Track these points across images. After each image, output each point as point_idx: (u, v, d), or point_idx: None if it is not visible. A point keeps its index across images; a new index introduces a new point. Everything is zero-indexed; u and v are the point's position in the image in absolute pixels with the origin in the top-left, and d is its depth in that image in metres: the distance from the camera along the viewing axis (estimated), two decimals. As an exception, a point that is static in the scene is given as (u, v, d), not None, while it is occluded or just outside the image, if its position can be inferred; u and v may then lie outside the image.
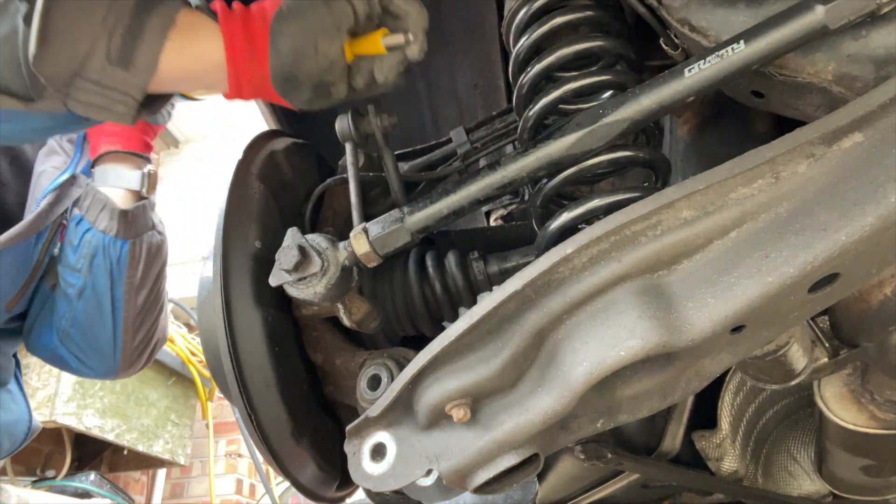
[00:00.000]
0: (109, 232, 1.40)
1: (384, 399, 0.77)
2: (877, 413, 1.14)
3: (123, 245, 1.42)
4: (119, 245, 1.42)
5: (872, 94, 0.66)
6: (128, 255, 1.43)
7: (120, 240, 1.42)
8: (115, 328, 1.47)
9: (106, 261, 1.41)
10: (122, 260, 1.43)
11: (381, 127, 0.99)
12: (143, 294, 1.48)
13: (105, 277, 1.42)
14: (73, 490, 3.68)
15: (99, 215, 1.41)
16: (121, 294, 1.44)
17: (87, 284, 1.42)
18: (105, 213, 1.40)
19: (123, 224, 1.42)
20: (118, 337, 1.47)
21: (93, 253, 1.41)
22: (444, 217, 0.88)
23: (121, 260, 1.43)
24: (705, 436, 1.48)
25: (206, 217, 1.43)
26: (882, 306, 0.86)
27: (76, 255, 1.41)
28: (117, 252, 1.42)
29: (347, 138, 1.00)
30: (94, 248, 1.41)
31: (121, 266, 1.43)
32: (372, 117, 0.99)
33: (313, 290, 0.87)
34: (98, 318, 1.45)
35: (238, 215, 0.99)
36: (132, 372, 1.59)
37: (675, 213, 0.69)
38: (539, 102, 0.88)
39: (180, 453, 4.27)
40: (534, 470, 0.75)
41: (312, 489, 1.03)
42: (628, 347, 0.66)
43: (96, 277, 1.42)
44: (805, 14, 0.68)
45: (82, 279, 1.42)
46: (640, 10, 0.86)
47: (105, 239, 1.41)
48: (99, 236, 1.40)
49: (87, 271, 1.41)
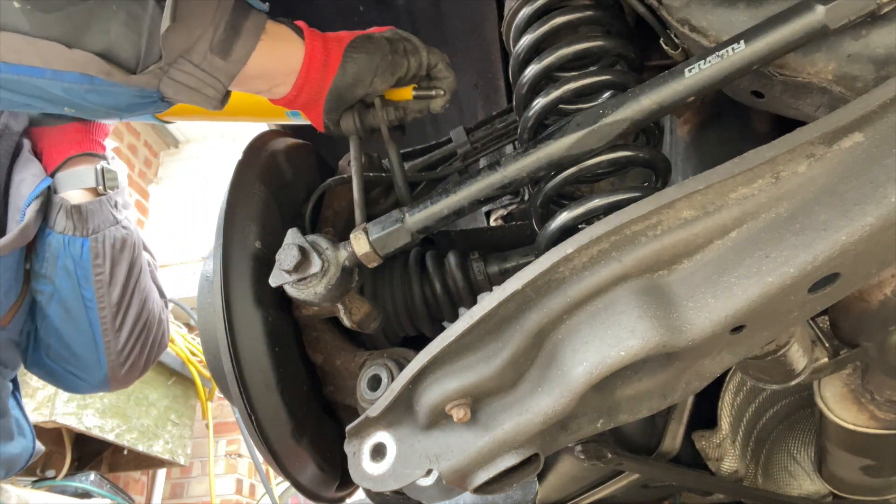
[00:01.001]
0: (67, 231, 1.38)
1: (384, 399, 0.77)
2: (877, 413, 1.14)
3: (84, 243, 1.40)
4: (79, 243, 1.39)
5: (872, 93, 0.66)
6: (89, 252, 1.40)
7: (78, 237, 1.39)
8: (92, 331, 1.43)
9: (68, 260, 1.39)
10: (85, 258, 1.40)
11: (387, 120, 0.99)
12: (117, 291, 1.45)
13: (69, 279, 1.40)
14: (73, 490, 3.68)
15: (56, 217, 1.39)
16: (91, 294, 1.42)
17: (55, 289, 1.40)
18: (61, 214, 1.38)
19: (79, 221, 1.39)
20: (98, 340, 1.44)
21: (55, 255, 1.38)
22: (445, 217, 0.88)
23: (83, 258, 1.40)
24: (705, 436, 1.48)
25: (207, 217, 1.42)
26: (882, 306, 0.86)
27: (41, 261, 1.39)
28: (78, 251, 1.39)
29: (352, 132, 1.00)
30: (56, 250, 1.38)
31: (84, 265, 1.40)
32: (379, 110, 0.98)
33: (313, 290, 0.87)
34: (72, 323, 1.42)
35: (238, 216, 0.99)
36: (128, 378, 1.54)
37: (675, 213, 0.69)
38: (539, 102, 0.88)
39: (180, 453, 4.27)
40: (534, 470, 0.75)
41: (312, 489, 1.03)
42: (628, 347, 0.66)
43: (61, 280, 1.39)
44: (805, 14, 0.68)
45: (50, 284, 1.39)
46: (640, 10, 0.86)
47: (64, 239, 1.38)
48: (58, 238, 1.38)
49: (53, 275, 1.39)
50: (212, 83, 0.87)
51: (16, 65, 0.81)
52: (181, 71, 0.84)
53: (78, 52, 0.80)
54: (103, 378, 1.49)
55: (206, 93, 0.88)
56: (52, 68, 0.81)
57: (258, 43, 0.89)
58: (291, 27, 0.95)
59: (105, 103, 0.87)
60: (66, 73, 0.82)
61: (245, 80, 0.91)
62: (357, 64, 0.95)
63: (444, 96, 1.03)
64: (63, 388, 1.56)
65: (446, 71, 1.03)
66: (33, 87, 0.84)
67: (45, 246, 1.39)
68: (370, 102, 1.00)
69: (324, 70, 0.95)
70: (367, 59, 0.96)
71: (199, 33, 0.83)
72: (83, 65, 0.81)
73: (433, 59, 1.02)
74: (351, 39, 0.97)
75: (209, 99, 0.89)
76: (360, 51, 0.96)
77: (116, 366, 1.48)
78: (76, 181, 1.43)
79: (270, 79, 0.94)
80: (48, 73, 0.82)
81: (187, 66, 0.84)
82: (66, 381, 1.52)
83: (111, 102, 0.87)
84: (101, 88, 0.84)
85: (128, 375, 1.53)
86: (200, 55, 0.84)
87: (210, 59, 0.85)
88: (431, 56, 1.02)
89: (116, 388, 1.57)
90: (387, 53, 0.97)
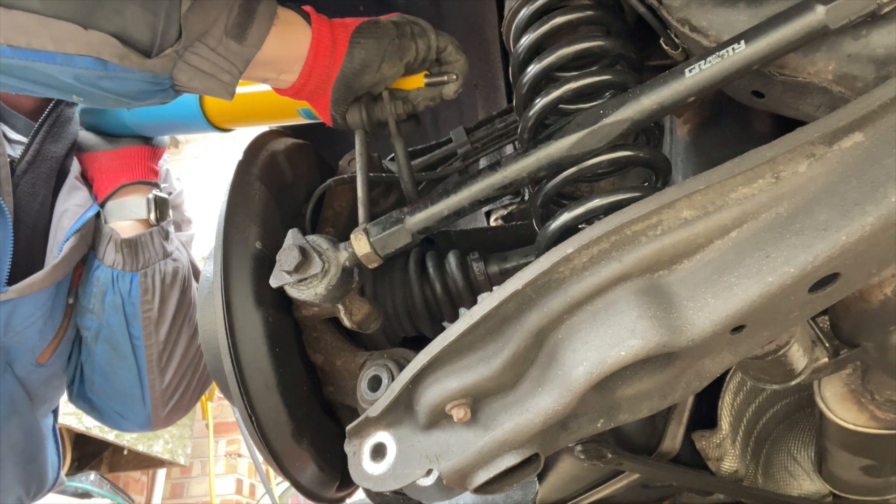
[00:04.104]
0: (116, 266, 1.33)
1: (384, 399, 0.77)
2: (877, 413, 1.14)
3: (133, 278, 1.34)
4: (128, 278, 1.34)
5: (873, 93, 0.66)
6: (139, 288, 1.34)
7: (128, 272, 1.34)
8: (138, 370, 1.37)
9: (116, 297, 1.33)
10: (134, 295, 1.34)
11: (395, 114, 0.98)
12: (165, 328, 1.38)
13: (118, 315, 1.34)
14: (73, 490, 3.68)
15: (105, 250, 1.33)
16: (139, 331, 1.36)
17: (102, 325, 1.34)
18: (110, 247, 1.33)
19: (129, 255, 1.34)
20: (144, 379, 1.38)
21: (103, 290, 1.33)
22: (445, 217, 0.88)
23: (132, 295, 1.34)
24: (705, 436, 1.48)
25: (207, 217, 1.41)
26: (882, 306, 0.86)
27: (88, 296, 1.34)
28: (127, 286, 1.34)
29: (358, 126, 0.99)
30: (104, 285, 1.33)
31: (133, 301, 1.34)
32: (387, 103, 0.98)
33: (314, 291, 0.87)
34: (118, 360, 1.37)
35: (238, 216, 0.99)
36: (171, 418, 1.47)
37: (675, 213, 0.69)
38: (539, 102, 0.88)
39: (180, 453, 4.27)
40: (534, 470, 0.75)
41: (312, 489, 1.03)
42: (629, 347, 0.66)
43: (109, 316, 1.34)
44: (805, 14, 0.68)
45: (96, 320, 1.34)
46: (640, 10, 0.86)
47: (113, 273, 1.33)
48: (107, 272, 1.33)
49: (101, 311, 1.34)
50: (227, 68, 0.85)
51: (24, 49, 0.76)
52: (197, 55, 0.82)
53: (94, 32, 0.76)
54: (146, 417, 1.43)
55: (222, 78, 0.86)
56: (64, 52, 0.77)
57: (271, 28, 0.87)
58: (299, 13, 0.93)
59: (117, 90, 0.84)
60: (79, 58, 0.78)
61: (257, 66, 0.89)
62: (365, 49, 0.92)
63: (456, 80, 0.99)
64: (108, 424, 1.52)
65: (457, 54, 1.00)
66: (41, 74, 0.80)
67: (93, 280, 1.34)
68: (377, 95, 0.98)
69: (331, 56, 0.92)
70: (374, 43, 0.93)
71: (216, 15, 0.82)
72: (98, 48, 0.77)
73: (442, 42, 0.99)
74: (357, 25, 0.94)
75: (224, 85, 0.87)
76: (367, 35, 0.93)
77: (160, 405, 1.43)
78: (127, 212, 1.38)
79: (279, 65, 0.92)
80: (59, 58, 0.78)
81: (203, 50, 0.82)
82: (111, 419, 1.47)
83: (123, 89, 0.84)
84: (113, 75, 0.80)
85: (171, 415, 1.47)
86: (216, 39, 0.83)
87: (226, 43, 0.83)
88: (440, 39, 0.99)
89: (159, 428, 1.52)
90: (394, 37, 0.94)
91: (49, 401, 1.46)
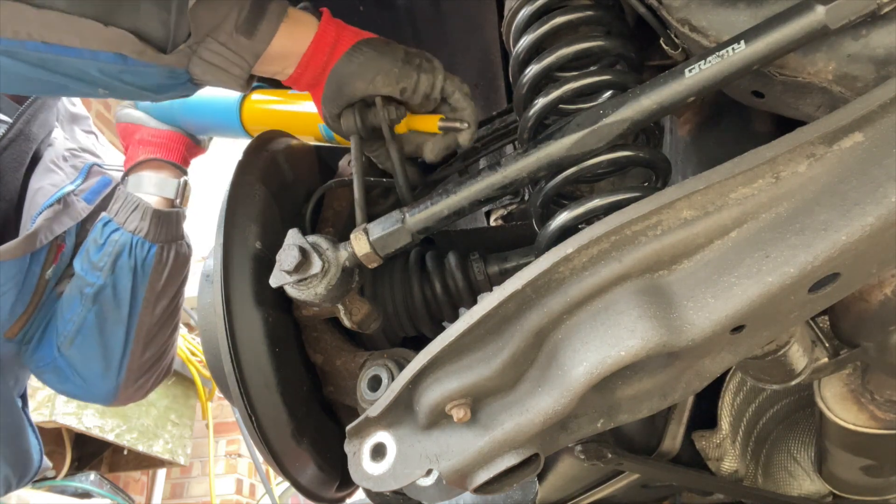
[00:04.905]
0: (139, 233, 1.37)
1: (384, 399, 0.77)
2: (877, 413, 1.14)
3: (151, 248, 1.38)
4: (147, 247, 1.38)
5: (873, 93, 0.66)
6: (154, 258, 1.39)
7: (149, 242, 1.38)
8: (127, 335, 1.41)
9: (131, 261, 1.37)
10: (148, 263, 1.39)
11: (388, 120, 0.99)
12: (163, 304, 1.44)
13: (128, 278, 1.38)
14: (73, 490, 3.68)
15: (129, 216, 1.37)
16: (140, 299, 1.40)
17: (108, 284, 1.37)
18: (136, 215, 1.37)
19: (155, 226, 1.38)
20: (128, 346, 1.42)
21: (119, 252, 1.36)
22: (445, 218, 0.88)
23: (146, 262, 1.38)
24: (705, 436, 1.48)
25: (207, 217, 1.42)
26: (882, 306, 0.86)
27: (100, 253, 1.37)
28: (144, 254, 1.38)
29: (353, 131, 0.99)
30: (121, 246, 1.37)
31: (145, 269, 1.39)
32: (380, 109, 0.98)
33: (314, 291, 0.87)
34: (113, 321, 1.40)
35: (238, 216, 0.99)
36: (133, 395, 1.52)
37: (675, 213, 0.69)
38: (539, 102, 0.88)
39: (180, 453, 4.27)
40: (534, 470, 0.75)
41: (312, 489, 1.03)
42: (628, 347, 0.66)
43: (118, 277, 1.37)
44: (805, 14, 0.68)
45: (103, 278, 1.37)
46: (640, 10, 0.86)
47: (133, 239, 1.37)
48: (127, 236, 1.37)
49: (110, 270, 1.37)
50: (238, 62, 0.89)
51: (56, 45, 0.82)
52: (209, 50, 0.86)
53: (113, 29, 0.81)
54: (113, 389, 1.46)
55: (233, 72, 0.90)
56: (89, 48, 0.82)
57: (280, 25, 0.90)
58: (313, 12, 0.96)
59: (137, 83, 0.88)
60: (102, 54, 0.83)
61: (265, 60, 0.92)
62: (364, 56, 0.95)
63: (469, 128, 1.00)
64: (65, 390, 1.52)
65: (464, 101, 1.01)
66: (71, 68, 0.85)
67: (110, 240, 1.37)
68: (371, 102, 0.99)
69: (330, 53, 0.95)
70: (375, 55, 0.95)
71: (226, 11, 0.85)
72: (118, 43, 0.82)
73: (450, 87, 1.00)
74: (369, 37, 0.97)
75: (235, 78, 0.91)
76: (372, 47, 0.96)
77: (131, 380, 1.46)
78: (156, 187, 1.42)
79: (286, 60, 0.95)
80: (85, 53, 0.83)
81: (214, 45, 0.86)
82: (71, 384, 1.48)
83: (143, 82, 0.88)
84: (133, 69, 0.85)
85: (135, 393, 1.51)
86: (226, 34, 0.86)
87: (236, 38, 0.87)
88: (448, 83, 1.00)
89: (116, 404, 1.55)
90: (398, 59, 0.96)
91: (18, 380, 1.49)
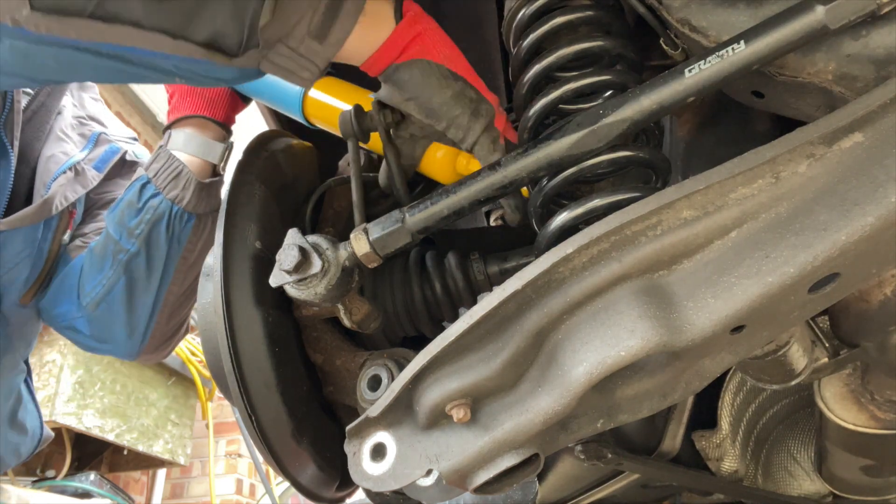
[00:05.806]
0: (180, 202, 1.33)
1: (384, 399, 0.77)
2: (877, 413, 1.14)
3: (190, 219, 1.35)
4: (186, 218, 1.34)
5: (873, 93, 0.66)
6: (190, 230, 1.35)
7: (188, 213, 1.34)
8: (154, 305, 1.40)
9: (168, 231, 1.34)
10: (185, 234, 1.35)
11: (384, 123, 0.99)
12: (192, 276, 1.41)
13: (163, 249, 1.35)
14: (73, 490, 3.68)
15: (170, 183, 1.32)
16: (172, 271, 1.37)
17: (141, 252, 1.35)
18: (178, 182, 1.32)
19: (196, 196, 1.34)
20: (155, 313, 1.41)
21: (156, 220, 1.33)
22: (445, 217, 0.88)
23: (183, 234, 1.35)
24: (705, 436, 1.48)
25: (208, 216, 1.42)
26: (882, 306, 0.86)
27: (136, 219, 1.33)
28: (182, 225, 1.35)
29: (349, 134, 0.99)
30: (160, 215, 1.33)
31: (181, 241, 1.36)
32: (375, 112, 0.98)
33: (314, 290, 0.87)
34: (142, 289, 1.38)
35: (238, 216, 0.99)
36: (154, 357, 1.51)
37: (675, 213, 0.69)
38: (539, 102, 0.88)
39: (180, 453, 4.27)
40: (534, 470, 0.75)
41: (312, 489, 1.03)
42: (628, 347, 0.66)
43: (153, 247, 1.34)
44: (805, 14, 0.68)
45: (137, 245, 1.34)
46: (640, 10, 0.86)
47: (173, 209, 1.33)
48: (167, 204, 1.32)
49: (145, 239, 1.34)
50: (307, 66, 0.87)
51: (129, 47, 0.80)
52: (279, 54, 0.85)
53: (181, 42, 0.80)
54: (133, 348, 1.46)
55: (302, 75, 0.88)
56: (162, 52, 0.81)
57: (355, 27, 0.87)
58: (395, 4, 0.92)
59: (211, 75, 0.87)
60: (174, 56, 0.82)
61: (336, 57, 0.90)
62: (408, 74, 0.91)
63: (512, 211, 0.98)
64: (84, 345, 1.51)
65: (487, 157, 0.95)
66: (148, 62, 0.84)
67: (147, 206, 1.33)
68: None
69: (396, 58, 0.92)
70: (420, 77, 0.91)
71: (297, 19, 0.83)
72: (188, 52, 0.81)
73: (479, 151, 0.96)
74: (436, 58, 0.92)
75: (304, 80, 0.89)
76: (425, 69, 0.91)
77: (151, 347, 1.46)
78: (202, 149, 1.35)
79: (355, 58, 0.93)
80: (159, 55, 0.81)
81: (284, 50, 0.85)
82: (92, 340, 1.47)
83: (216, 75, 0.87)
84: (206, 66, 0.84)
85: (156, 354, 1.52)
86: (297, 40, 0.84)
87: (307, 44, 0.85)
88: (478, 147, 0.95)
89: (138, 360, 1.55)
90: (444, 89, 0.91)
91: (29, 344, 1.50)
